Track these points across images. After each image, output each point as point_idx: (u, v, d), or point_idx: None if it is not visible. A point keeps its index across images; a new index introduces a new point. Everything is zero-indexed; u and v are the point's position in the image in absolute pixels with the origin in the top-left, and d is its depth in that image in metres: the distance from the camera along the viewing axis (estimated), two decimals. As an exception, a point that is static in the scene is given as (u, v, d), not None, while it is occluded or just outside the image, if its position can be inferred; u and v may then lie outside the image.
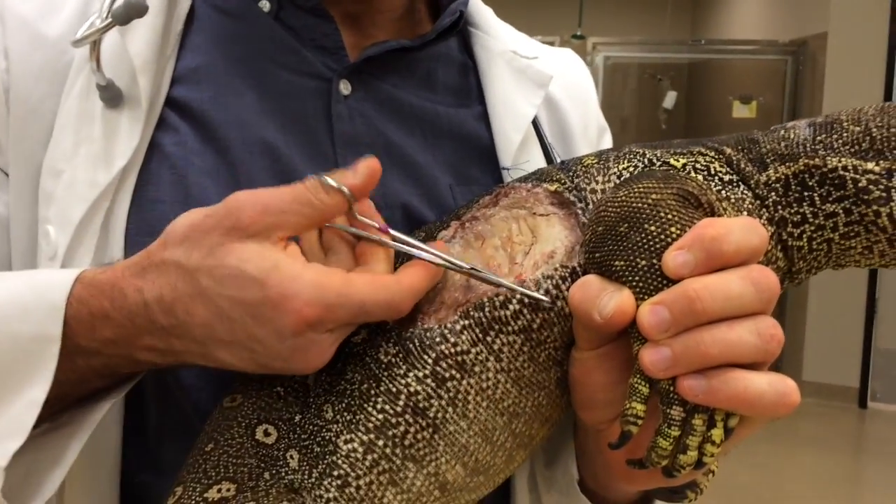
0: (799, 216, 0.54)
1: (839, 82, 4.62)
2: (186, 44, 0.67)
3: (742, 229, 0.47)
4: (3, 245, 0.64)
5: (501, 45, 0.76)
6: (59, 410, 0.55)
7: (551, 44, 0.87)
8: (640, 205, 0.49)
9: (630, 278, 0.48)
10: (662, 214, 0.48)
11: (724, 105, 5.50)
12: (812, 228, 0.54)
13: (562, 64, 0.82)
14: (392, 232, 0.53)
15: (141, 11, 0.61)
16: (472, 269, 0.52)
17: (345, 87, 0.67)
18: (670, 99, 5.67)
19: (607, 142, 0.83)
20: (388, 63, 0.69)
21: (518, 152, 0.70)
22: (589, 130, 0.80)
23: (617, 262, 0.48)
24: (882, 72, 4.63)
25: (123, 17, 0.61)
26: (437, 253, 0.52)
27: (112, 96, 0.62)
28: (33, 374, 0.51)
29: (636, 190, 0.50)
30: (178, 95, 0.64)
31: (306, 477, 0.53)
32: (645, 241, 0.48)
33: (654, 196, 0.50)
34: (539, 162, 0.72)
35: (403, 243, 0.53)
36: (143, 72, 0.62)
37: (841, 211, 0.53)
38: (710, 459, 0.48)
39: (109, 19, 0.61)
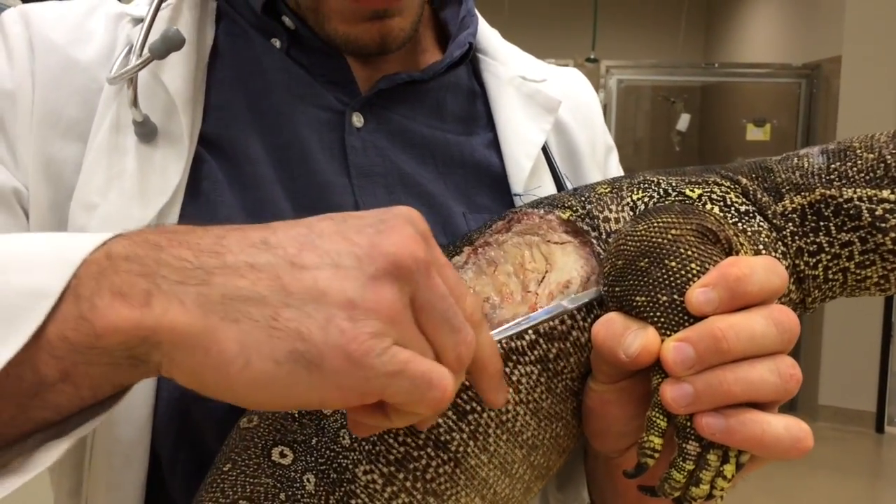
0: (815, 246, 0.54)
1: (853, 105, 4.60)
2: (212, 79, 0.67)
3: (765, 270, 0.48)
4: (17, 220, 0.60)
5: (510, 70, 0.76)
6: None
7: (565, 66, 0.87)
8: (660, 240, 0.49)
9: (652, 314, 0.48)
10: (682, 250, 0.49)
11: (738, 128, 5.49)
12: (828, 258, 0.54)
13: (568, 85, 0.82)
14: None
15: (179, 44, 0.61)
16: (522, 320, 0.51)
17: (357, 120, 0.68)
18: (684, 121, 5.66)
19: (614, 161, 0.83)
20: (398, 95, 0.70)
21: (529, 179, 0.71)
22: (597, 152, 0.80)
23: (638, 298, 0.49)
24: (896, 95, 4.62)
25: (162, 52, 0.61)
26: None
27: (147, 132, 0.62)
28: (8, 331, 0.37)
29: (655, 224, 0.50)
30: (208, 131, 0.65)
31: (322, 502, 0.52)
32: (666, 277, 0.48)
33: (673, 231, 0.50)
34: (550, 188, 0.72)
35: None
36: (184, 109, 0.62)
37: (857, 240, 0.53)
38: (721, 493, 0.48)
39: (148, 55, 0.61)
